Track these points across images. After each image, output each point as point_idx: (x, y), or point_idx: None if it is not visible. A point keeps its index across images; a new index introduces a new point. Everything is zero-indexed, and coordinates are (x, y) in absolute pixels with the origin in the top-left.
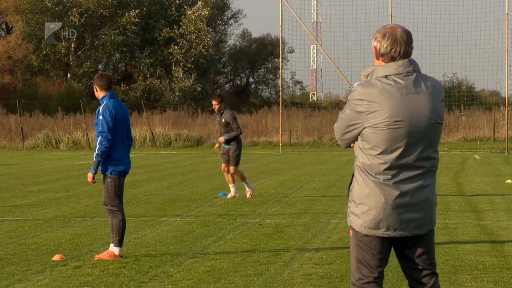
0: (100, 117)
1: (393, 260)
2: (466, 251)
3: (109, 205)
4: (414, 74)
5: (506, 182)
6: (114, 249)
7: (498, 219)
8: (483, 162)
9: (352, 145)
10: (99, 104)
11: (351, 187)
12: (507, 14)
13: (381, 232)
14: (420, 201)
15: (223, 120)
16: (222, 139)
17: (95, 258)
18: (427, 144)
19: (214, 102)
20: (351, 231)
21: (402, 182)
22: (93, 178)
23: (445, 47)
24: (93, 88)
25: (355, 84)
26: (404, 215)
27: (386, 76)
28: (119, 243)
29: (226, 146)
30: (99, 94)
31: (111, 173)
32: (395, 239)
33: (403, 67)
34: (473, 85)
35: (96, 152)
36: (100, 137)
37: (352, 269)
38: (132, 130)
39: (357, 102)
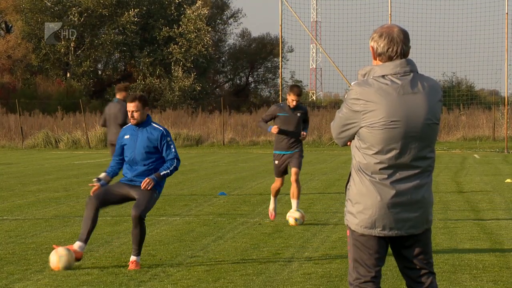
0: (169, 141)
1: (391, 259)
2: (466, 250)
3: (145, 216)
4: (411, 74)
5: (505, 181)
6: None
7: (498, 218)
8: (483, 162)
9: (348, 143)
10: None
11: (348, 186)
12: (507, 13)
13: (377, 232)
14: (416, 201)
15: (298, 115)
16: (305, 134)
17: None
18: (423, 144)
19: (296, 97)
20: (348, 231)
21: (398, 181)
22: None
23: (444, 46)
24: (141, 103)
25: (352, 83)
26: (400, 215)
27: (383, 76)
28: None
29: (287, 152)
30: (146, 112)
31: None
32: (391, 239)
33: (400, 67)
34: (472, 84)
35: (171, 170)
36: (176, 160)
37: (350, 269)
38: None
39: (353, 101)
